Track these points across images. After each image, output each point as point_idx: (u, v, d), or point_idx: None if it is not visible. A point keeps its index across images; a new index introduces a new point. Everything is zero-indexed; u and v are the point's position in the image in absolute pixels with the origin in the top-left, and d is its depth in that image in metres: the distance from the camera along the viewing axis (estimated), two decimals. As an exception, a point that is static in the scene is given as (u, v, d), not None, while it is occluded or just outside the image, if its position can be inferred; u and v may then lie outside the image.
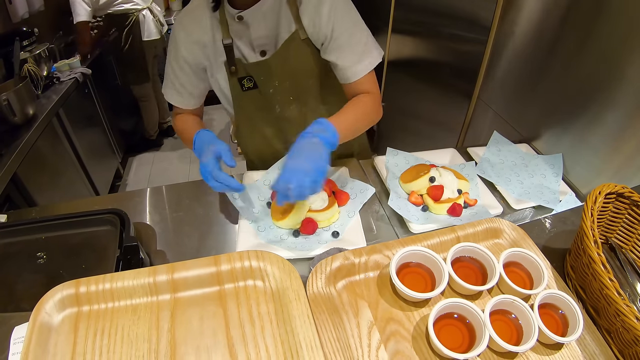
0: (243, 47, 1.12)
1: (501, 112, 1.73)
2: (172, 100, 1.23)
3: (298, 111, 1.26)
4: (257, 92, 1.19)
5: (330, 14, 1.05)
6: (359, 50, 1.10)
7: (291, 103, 1.24)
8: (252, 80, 1.16)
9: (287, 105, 1.24)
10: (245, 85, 1.17)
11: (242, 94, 1.20)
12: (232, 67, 1.13)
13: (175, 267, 0.78)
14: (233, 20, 1.06)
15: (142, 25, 3.12)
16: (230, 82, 1.17)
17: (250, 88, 1.18)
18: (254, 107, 1.24)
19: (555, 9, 1.37)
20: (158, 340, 0.71)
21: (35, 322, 0.70)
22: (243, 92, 1.19)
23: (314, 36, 1.10)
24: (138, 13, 3.06)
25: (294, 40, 1.10)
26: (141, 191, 1.30)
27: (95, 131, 3.02)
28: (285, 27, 1.10)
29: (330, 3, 1.04)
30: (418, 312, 0.78)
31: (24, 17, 2.72)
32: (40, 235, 1.06)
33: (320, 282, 0.79)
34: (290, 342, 0.70)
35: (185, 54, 1.13)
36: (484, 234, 0.91)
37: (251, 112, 1.27)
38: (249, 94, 1.20)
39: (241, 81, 1.16)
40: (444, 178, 1.18)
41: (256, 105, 1.24)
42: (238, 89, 1.18)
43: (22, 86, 2.03)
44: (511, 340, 0.71)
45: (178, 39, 1.12)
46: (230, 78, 1.16)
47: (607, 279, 0.69)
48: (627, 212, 0.91)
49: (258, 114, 1.27)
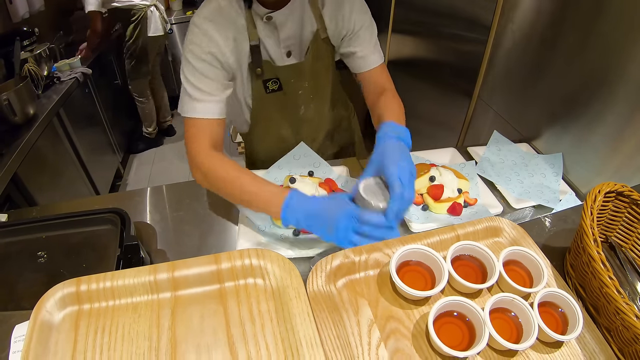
0: (270, 48, 1.11)
1: (501, 112, 1.73)
2: (194, 111, 1.04)
3: (315, 110, 1.28)
4: (281, 94, 1.19)
5: (351, 12, 1.14)
6: (374, 42, 1.20)
7: (311, 102, 1.26)
8: (278, 82, 1.15)
9: (308, 105, 1.26)
10: (269, 88, 1.16)
11: (264, 97, 1.18)
12: (257, 70, 1.11)
13: (175, 265, 0.78)
14: (261, 21, 1.06)
15: (149, 21, 3.13)
16: (253, 85, 1.15)
17: (274, 90, 1.17)
18: (274, 108, 1.23)
19: (555, 8, 1.37)
20: (159, 338, 0.71)
21: (36, 320, 0.71)
22: (266, 95, 1.17)
23: (334, 34, 1.16)
24: (147, 8, 3.08)
25: (317, 40, 1.15)
26: (141, 190, 1.31)
27: (96, 131, 3.02)
28: (308, 27, 1.13)
29: (349, 3, 1.13)
30: (418, 310, 0.78)
31: (24, 17, 2.73)
32: (41, 235, 1.06)
33: (321, 280, 0.79)
34: (290, 339, 0.70)
35: (225, 51, 1.04)
36: (484, 233, 0.92)
37: (270, 114, 1.25)
38: (272, 97, 1.19)
39: (266, 83, 1.15)
40: (444, 177, 1.18)
41: (277, 107, 1.23)
42: (262, 92, 1.17)
43: (22, 86, 2.03)
44: (511, 339, 0.71)
45: (215, 37, 1.02)
46: (255, 80, 1.14)
47: (607, 277, 0.70)
48: (627, 210, 0.91)
49: (277, 115, 1.26)
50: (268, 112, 1.24)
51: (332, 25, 1.15)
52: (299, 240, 1.07)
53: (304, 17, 1.11)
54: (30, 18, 2.80)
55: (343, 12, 1.13)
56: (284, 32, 1.09)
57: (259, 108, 1.22)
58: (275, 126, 1.30)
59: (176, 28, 3.87)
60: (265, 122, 1.29)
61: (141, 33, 3.15)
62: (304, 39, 1.14)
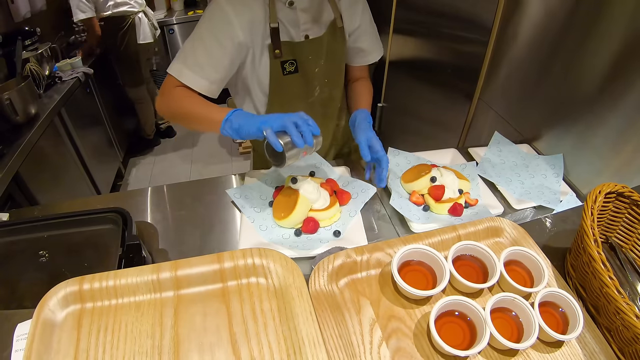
0: (290, 30, 1.18)
1: (502, 113, 1.73)
2: (194, 83, 1.12)
3: (328, 94, 1.35)
4: (297, 76, 1.25)
5: (363, 10, 1.29)
6: (376, 39, 1.37)
7: (325, 85, 1.33)
8: (294, 64, 1.22)
9: (322, 88, 1.32)
10: (286, 70, 1.22)
11: (281, 78, 1.23)
12: (276, 51, 1.17)
13: (178, 265, 0.79)
14: (283, 6, 1.14)
15: (137, 28, 3.13)
16: (271, 65, 1.20)
17: (291, 72, 1.22)
18: (290, 91, 1.28)
19: (557, 10, 1.38)
20: (162, 337, 0.71)
21: (39, 319, 0.71)
22: (283, 76, 1.23)
23: (347, 27, 1.28)
24: (134, 16, 3.07)
25: (334, 26, 1.24)
26: (143, 190, 1.31)
27: (97, 130, 3.03)
28: (326, 16, 1.22)
29: (362, 2, 1.28)
30: (419, 309, 0.79)
31: (26, 17, 2.74)
32: (43, 234, 1.06)
33: (323, 280, 0.79)
34: (292, 339, 0.70)
35: (238, 32, 1.10)
36: (485, 233, 0.92)
37: (285, 98, 1.29)
38: (288, 79, 1.24)
39: (283, 64, 1.21)
40: (445, 178, 1.19)
41: (293, 90, 1.28)
42: (279, 73, 1.22)
43: (24, 85, 2.04)
44: (512, 338, 0.72)
45: (230, 17, 1.08)
46: (273, 61, 1.19)
47: (607, 278, 0.70)
48: (627, 211, 0.91)
49: (292, 100, 1.30)
50: (283, 96, 1.28)
51: (346, 18, 1.26)
52: (300, 241, 1.08)
53: (322, 6, 1.20)
54: (32, 18, 2.81)
55: (357, 8, 1.27)
56: (303, 17, 1.17)
57: (276, 91, 1.26)
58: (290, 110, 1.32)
59: (177, 28, 3.88)
60: (279, 107, 1.31)
61: (131, 41, 3.15)
62: (321, 25, 1.22)
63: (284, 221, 1.10)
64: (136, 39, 3.16)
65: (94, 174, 2.75)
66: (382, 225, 1.16)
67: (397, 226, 1.15)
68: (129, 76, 3.35)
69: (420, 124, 2.45)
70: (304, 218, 1.10)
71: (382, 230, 1.14)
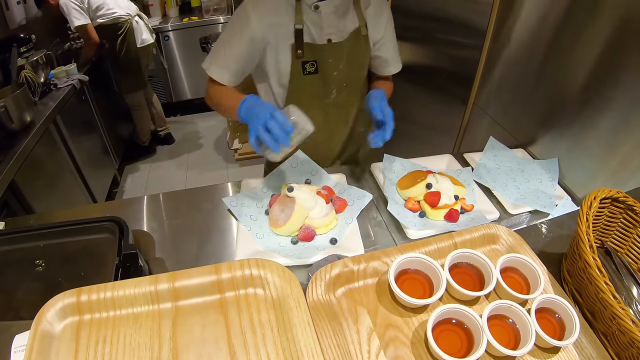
0: (313, 33, 1.22)
1: (497, 118, 1.74)
2: (217, 75, 1.24)
3: (346, 99, 1.38)
4: (316, 77, 1.29)
5: (387, 22, 1.34)
6: (397, 52, 1.44)
7: (343, 90, 1.36)
8: (315, 65, 1.26)
9: (340, 91, 1.35)
10: (307, 70, 1.26)
11: (301, 78, 1.28)
12: (298, 51, 1.22)
13: (176, 276, 0.79)
14: (309, 9, 1.19)
15: (136, 32, 3.13)
16: (293, 65, 1.25)
17: (311, 72, 1.27)
18: (308, 91, 1.32)
19: (551, 15, 1.39)
20: (160, 349, 0.71)
21: (37, 331, 0.71)
22: (303, 76, 1.27)
23: (372, 36, 1.32)
24: (131, 19, 3.07)
25: (358, 33, 1.28)
26: (139, 199, 1.31)
27: (93, 138, 3.02)
28: (350, 23, 1.26)
29: (387, 14, 1.33)
30: (417, 318, 0.79)
31: (21, 24, 2.73)
32: (39, 243, 1.06)
33: (320, 290, 0.79)
34: (291, 349, 0.70)
35: (256, 30, 1.18)
36: (481, 240, 0.92)
37: (303, 96, 1.32)
38: (308, 79, 1.28)
39: (304, 65, 1.25)
40: (440, 184, 1.19)
41: (312, 90, 1.32)
42: (299, 72, 1.27)
43: (19, 93, 2.03)
44: (509, 345, 0.72)
45: (251, 17, 1.17)
46: (295, 61, 1.24)
47: (603, 283, 0.70)
48: (622, 216, 0.92)
49: (310, 100, 1.33)
50: (302, 96, 1.31)
51: (371, 27, 1.30)
52: (297, 249, 1.08)
53: (347, 13, 1.25)
54: (27, 24, 2.80)
55: (382, 19, 1.32)
56: (327, 22, 1.22)
57: (295, 90, 1.31)
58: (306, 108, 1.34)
59: (172, 35, 3.88)
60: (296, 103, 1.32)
61: (130, 45, 3.15)
62: (345, 31, 1.26)
63: (280, 229, 1.10)
64: (135, 43, 3.16)
65: (89, 181, 2.74)
66: (379, 232, 1.16)
67: (393, 233, 1.15)
68: (128, 81, 3.33)
69: (415, 129, 2.45)
70: (301, 226, 1.11)
71: (378, 237, 1.15)
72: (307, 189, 1.14)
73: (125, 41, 3.10)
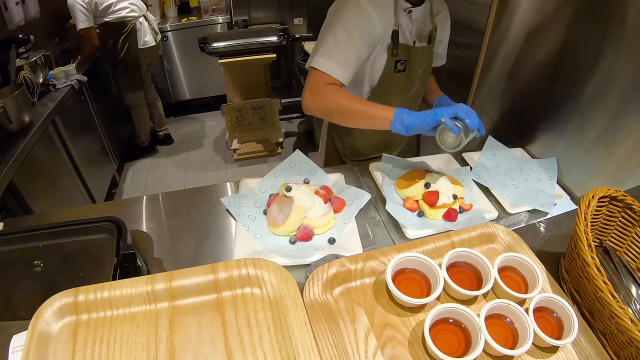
0: (405, 34, 1.32)
1: (496, 117, 1.74)
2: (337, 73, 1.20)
3: (418, 92, 1.49)
4: (404, 74, 1.38)
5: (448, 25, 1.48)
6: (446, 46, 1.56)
7: (419, 85, 1.47)
8: (405, 64, 1.35)
9: (417, 87, 1.46)
10: (397, 68, 1.35)
11: (392, 75, 1.36)
12: (394, 50, 1.29)
13: (173, 275, 0.79)
14: (402, 12, 1.28)
15: (139, 33, 3.13)
16: (387, 63, 1.33)
17: (400, 70, 1.36)
18: (395, 87, 1.40)
19: (549, 14, 1.39)
20: (157, 348, 0.71)
21: (34, 331, 0.71)
22: (394, 73, 1.36)
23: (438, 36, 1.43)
24: (135, 20, 3.07)
25: (432, 36, 1.39)
26: (138, 199, 1.31)
27: (91, 138, 3.02)
28: (427, 27, 1.38)
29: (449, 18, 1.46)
30: (414, 317, 0.79)
31: (19, 24, 2.73)
32: (37, 243, 1.06)
33: (317, 289, 0.79)
34: (288, 349, 0.70)
35: (379, 30, 1.23)
36: (479, 239, 0.92)
37: (389, 92, 1.40)
38: (397, 76, 1.37)
39: (396, 63, 1.34)
40: (439, 184, 1.19)
41: (398, 86, 1.40)
42: (391, 70, 1.35)
43: (18, 93, 2.03)
44: (507, 344, 0.72)
45: (373, 16, 1.20)
46: (390, 59, 1.32)
47: (601, 282, 0.70)
48: (621, 215, 0.92)
49: (393, 94, 1.42)
50: (386, 92, 1.40)
51: (439, 29, 1.42)
52: (295, 248, 1.08)
53: (427, 18, 1.36)
54: (26, 25, 2.80)
55: (447, 22, 1.46)
56: (416, 25, 1.33)
57: (382, 86, 1.38)
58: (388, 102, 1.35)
59: (171, 35, 3.87)
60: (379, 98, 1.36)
61: (132, 46, 3.14)
62: (424, 34, 1.38)
63: (278, 229, 1.10)
64: (137, 44, 3.16)
65: (88, 181, 2.74)
66: (377, 231, 1.16)
67: (392, 232, 1.15)
68: (126, 81, 3.33)
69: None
70: (299, 226, 1.10)
71: (377, 236, 1.15)
72: (305, 189, 1.14)
73: (127, 41, 3.10)
